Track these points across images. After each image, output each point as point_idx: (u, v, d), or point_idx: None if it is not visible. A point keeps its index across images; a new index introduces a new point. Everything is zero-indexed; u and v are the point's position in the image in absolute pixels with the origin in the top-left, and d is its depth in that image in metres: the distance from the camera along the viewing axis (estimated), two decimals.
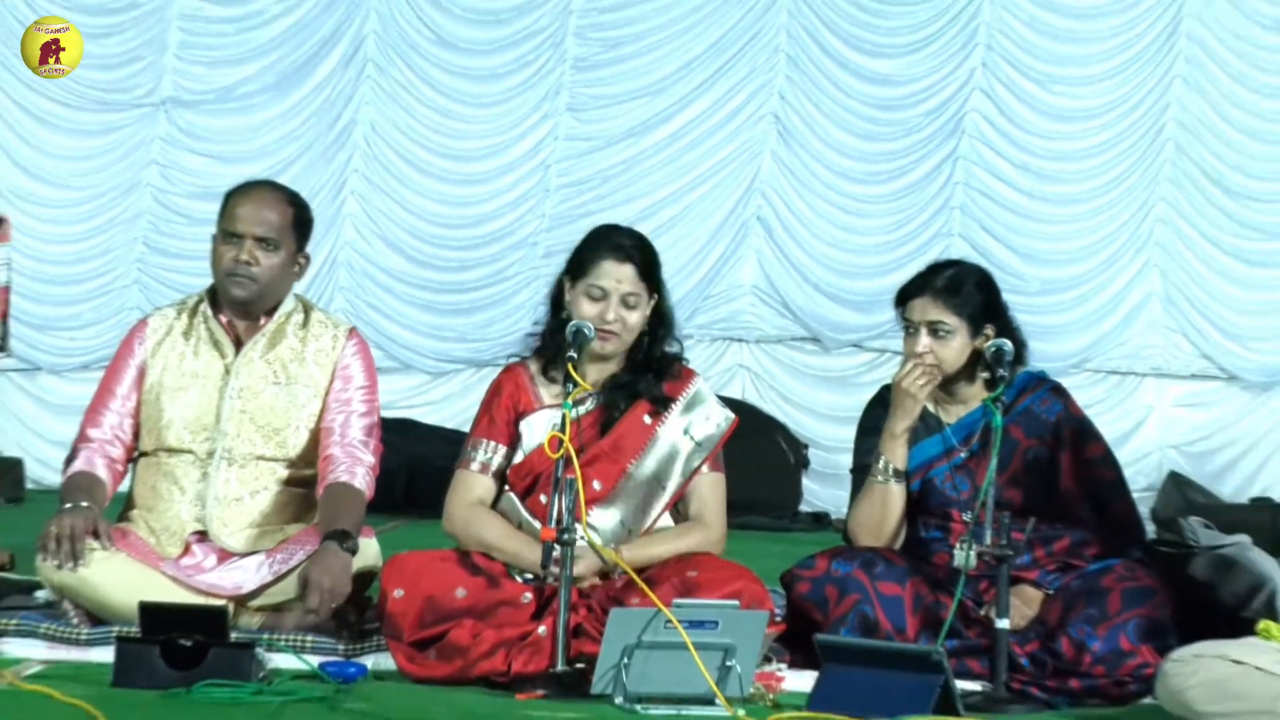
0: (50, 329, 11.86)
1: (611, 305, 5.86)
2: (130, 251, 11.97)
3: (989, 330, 5.97)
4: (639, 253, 5.93)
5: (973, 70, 11.84)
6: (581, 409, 5.85)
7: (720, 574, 5.71)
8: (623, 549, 5.79)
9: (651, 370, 5.96)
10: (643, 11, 11.98)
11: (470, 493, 5.93)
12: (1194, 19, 11.75)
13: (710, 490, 5.98)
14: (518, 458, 5.93)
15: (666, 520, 5.97)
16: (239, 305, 6.20)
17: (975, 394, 6.07)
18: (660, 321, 5.97)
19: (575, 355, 5.73)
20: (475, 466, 5.94)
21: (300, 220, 6.26)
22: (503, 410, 5.96)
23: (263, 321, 6.24)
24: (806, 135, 11.91)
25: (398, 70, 12.05)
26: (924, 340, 5.98)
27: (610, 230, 6.07)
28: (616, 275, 5.87)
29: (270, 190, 6.30)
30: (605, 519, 5.88)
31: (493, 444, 5.95)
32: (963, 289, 6.00)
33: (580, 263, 5.92)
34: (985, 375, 5.97)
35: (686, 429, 5.96)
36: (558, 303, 5.98)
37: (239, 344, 6.24)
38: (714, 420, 6.00)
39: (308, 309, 6.33)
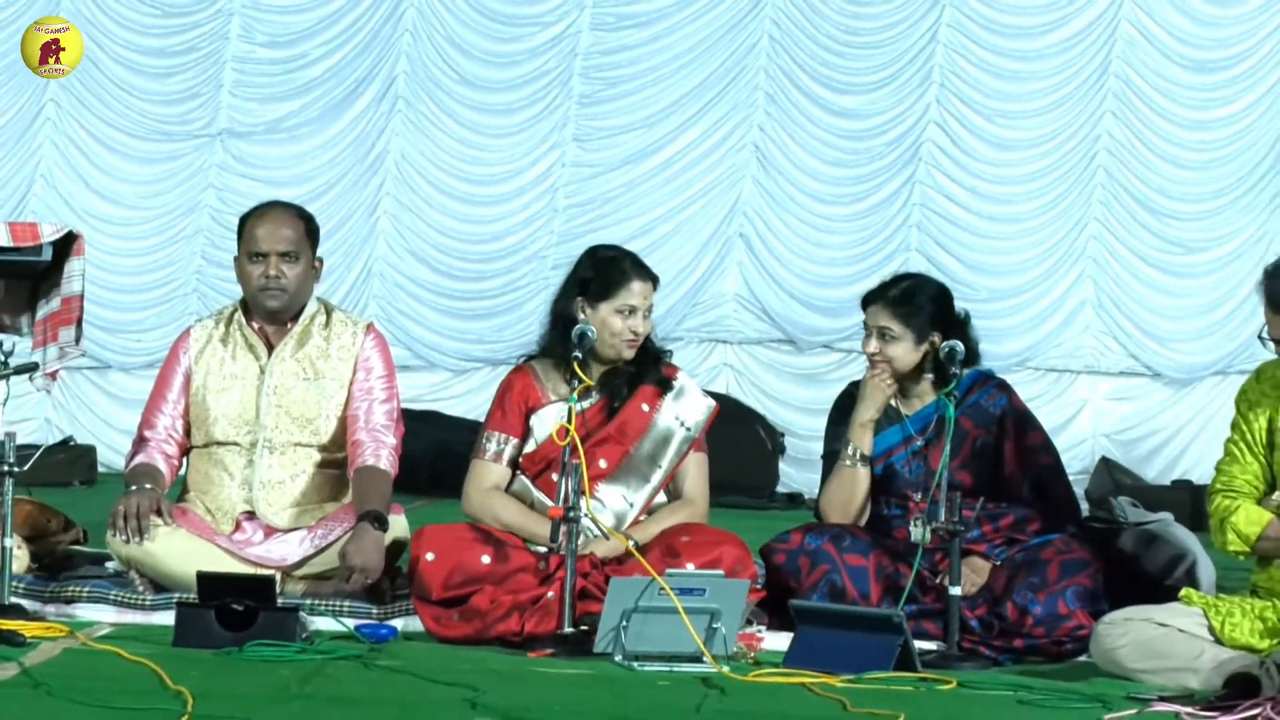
0: (119, 331, 11.85)
1: (638, 319, 5.88)
2: (190, 264, 11.97)
3: (935, 337, 5.96)
4: (649, 268, 5.98)
5: (928, 106, 11.83)
6: (587, 401, 5.86)
7: (706, 537, 5.78)
8: (632, 531, 5.82)
9: (651, 362, 5.97)
10: (639, 54, 11.97)
11: (486, 479, 5.95)
12: (1122, 61, 11.74)
13: (696, 469, 6.03)
14: (530, 447, 5.94)
15: (662, 497, 5.99)
16: (271, 314, 6.19)
17: (929, 390, 6.07)
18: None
19: (580, 356, 5.76)
20: (489, 456, 5.96)
21: (311, 230, 6.24)
22: (514, 405, 5.97)
23: (290, 325, 6.23)
24: (783, 162, 11.90)
25: (425, 106, 12.03)
26: (874, 342, 6.00)
27: (624, 254, 6.05)
28: (643, 293, 5.92)
29: (282, 208, 6.28)
30: (610, 493, 5.90)
31: (505, 436, 5.96)
32: (914, 300, 6.00)
33: (605, 286, 5.89)
34: (930, 376, 5.99)
35: (678, 416, 5.97)
36: (563, 318, 5.94)
37: (270, 346, 6.22)
38: (700, 407, 6.02)
39: (329, 310, 6.32)
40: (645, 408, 5.96)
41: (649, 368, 5.99)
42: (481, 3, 11.97)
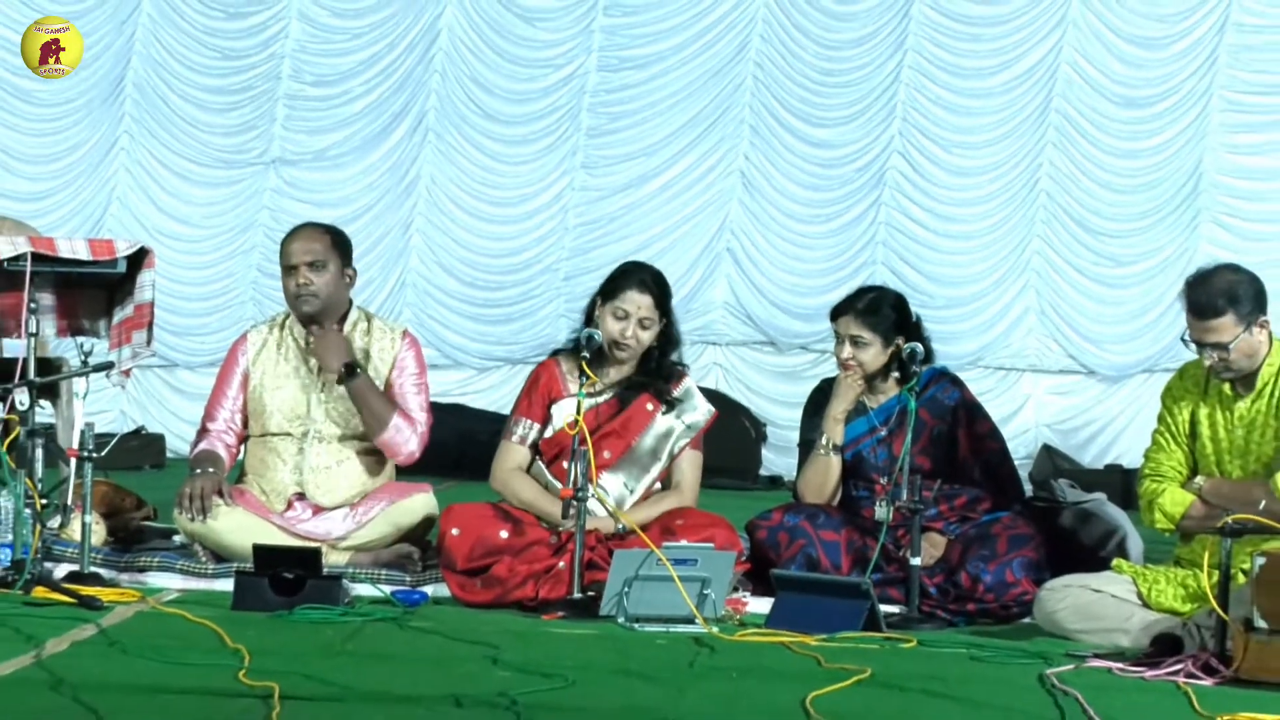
0: (185, 334, 11.85)
1: (630, 325, 5.86)
2: (246, 276, 11.97)
3: (899, 340, 5.96)
4: (656, 287, 5.93)
5: (892, 137, 11.82)
6: (601, 398, 5.85)
7: (699, 521, 5.77)
8: (631, 512, 5.81)
9: (660, 376, 5.94)
10: (639, 92, 11.97)
11: (511, 460, 5.94)
12: (1061, 98, 11.74)
13: (690, 464, 6.00)
14: (549, 433, 5.93)
15: (657, 486, 5.97)
16: (310, 319, 6.17)
17: (892, 386, 6.07)
18: (669, 339, 5.96)
19: (588, 355, 5.75)
20: (516, 439, 5.94)
21: (338, 243, 6.21)
22: (539, 395, 5.96)
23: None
24: (765, 186, 11.90)
25: (452, 137, 12.03)
26: (847, 349, 5.99)
27: (637, 266, 6.03)
28: (637, 302, 5.86)
29: (310, 226, 6.28)
30: (613, 480, 5.89)
31: (530, 422, 5.95)
32: (880, 310, 5.99)
33: (611, 288, 5.90)
34: (896, 375, 5.99)
35: (679, 416, 5.95)
36: (590, 316, 5.96)
37: None
38: (700, 412, 6.00)
39: (369, 318, 6.31)
40: (649, 407, 5.94)
41: (657, 384, 5.95)
42: (502, 47, 11.98)
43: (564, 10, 11.98)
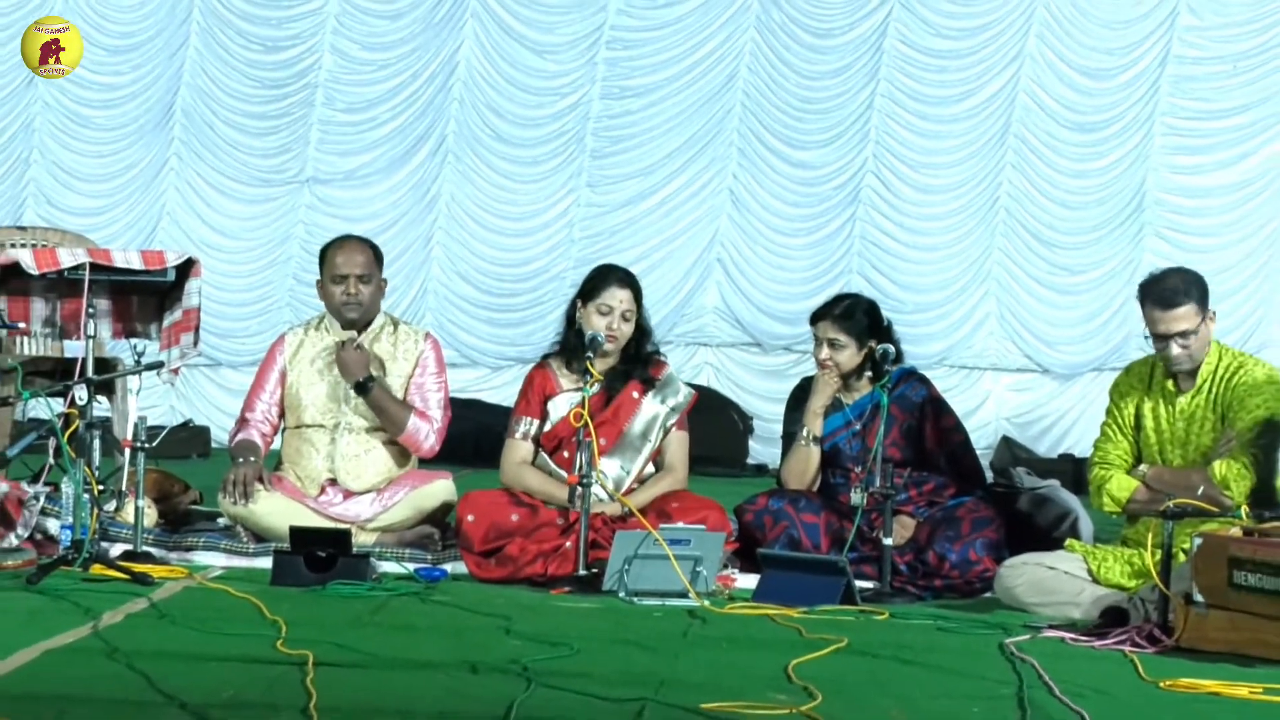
0: (228, 336, 11.84)
1: (615, 318, 5.86)
2: (283, 284, 11.96)
3: (872, 343, 5.96)
4: (633, 281, 5.95)
5: (866, 159, 11.82)
6: (591, 390, 5.85)
7: (693, 504, 5.78)
8: (630, 495, 5.80)
9: (640, 363, 5.96)
10: (638, 117, 11.96)
11: (517, 455, 5.94)
12: (1019, 123, 11.74)
13: (678, 444, 5.99)
14: (547, 428, 5.93)
15: (650, 469, 5.98)
16: (351, 324, 6.17)
17: (865, 384, 6.07)
18: (642, 332, 5.96)
19: (591, 355, 5.75)
20: (519, 436, 5.95)
21: (378, 256, 6.25)
22: (535, 394, 5.97)
23: (363, 334, 6.22)
24: (751, 203, 11.90)
25: (469, 158, 12.02)
26: (825, 350, 5.99)
27: (612, 266, 6.09)
28: (619, 296, 5.87)
29: (355, 240, 6.28)
30: (610, 466, 5.89)
31: (530, 419, 5.95)
32: (854, 315, 6.00)
33: (592, 289, 5.91)
34: (870, 373, 5.99)
35: (663, 400, 5.96)
36: (571, 319, 5.97)
37: None
38: (681, 393, 6.01)
39: (395, 322, 6.31)
40: (635, 395, 5.95)
41: (639, 368, 5.97)
42: (514, 77, 11.98)
43: (570, 44, 11.98)
